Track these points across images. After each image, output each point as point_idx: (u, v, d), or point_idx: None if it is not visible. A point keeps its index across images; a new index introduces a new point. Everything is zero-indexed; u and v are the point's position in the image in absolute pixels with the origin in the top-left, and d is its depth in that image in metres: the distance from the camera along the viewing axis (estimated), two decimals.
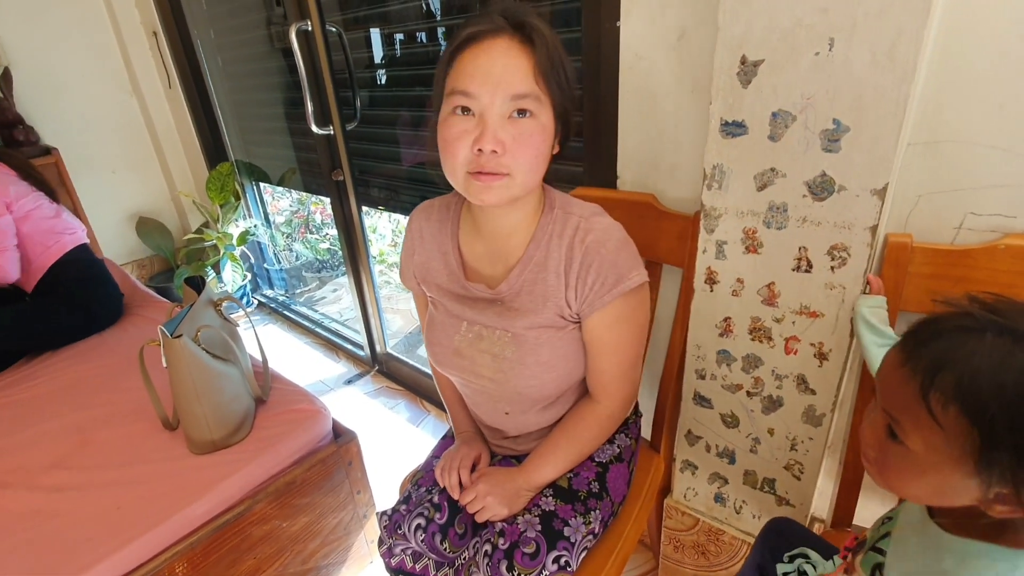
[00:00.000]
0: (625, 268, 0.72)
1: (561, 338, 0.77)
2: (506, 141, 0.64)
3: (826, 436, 0.87)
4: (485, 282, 0.80)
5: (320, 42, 1.61)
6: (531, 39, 0.63)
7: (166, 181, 2.70)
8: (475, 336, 0.80)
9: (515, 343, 0.77)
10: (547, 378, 0.78)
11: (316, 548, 1.21)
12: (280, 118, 2.20)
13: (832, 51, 0.66)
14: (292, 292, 2.91)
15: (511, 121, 0.64)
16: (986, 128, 0.69)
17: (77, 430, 1.20)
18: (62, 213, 1.67)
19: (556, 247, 0.74)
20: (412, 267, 0.88)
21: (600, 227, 0.73)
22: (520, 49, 0.63)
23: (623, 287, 0.72)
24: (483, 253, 0.80)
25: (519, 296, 0.76)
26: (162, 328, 1.03)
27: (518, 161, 0.65)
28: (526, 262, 0.76)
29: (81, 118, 2.38)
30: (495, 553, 0.76)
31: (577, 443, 0.83)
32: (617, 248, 0.72)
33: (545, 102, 0.66)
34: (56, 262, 1.58)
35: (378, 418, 1.91)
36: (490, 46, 0.63)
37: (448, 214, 0.84)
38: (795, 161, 0.74)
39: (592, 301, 0.73)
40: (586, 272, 0.72)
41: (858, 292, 0.75)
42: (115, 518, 0.97)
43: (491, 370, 0.80)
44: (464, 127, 0.65)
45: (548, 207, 0.76)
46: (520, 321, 0.76)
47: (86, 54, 2.34)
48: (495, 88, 0.62)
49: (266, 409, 1.23)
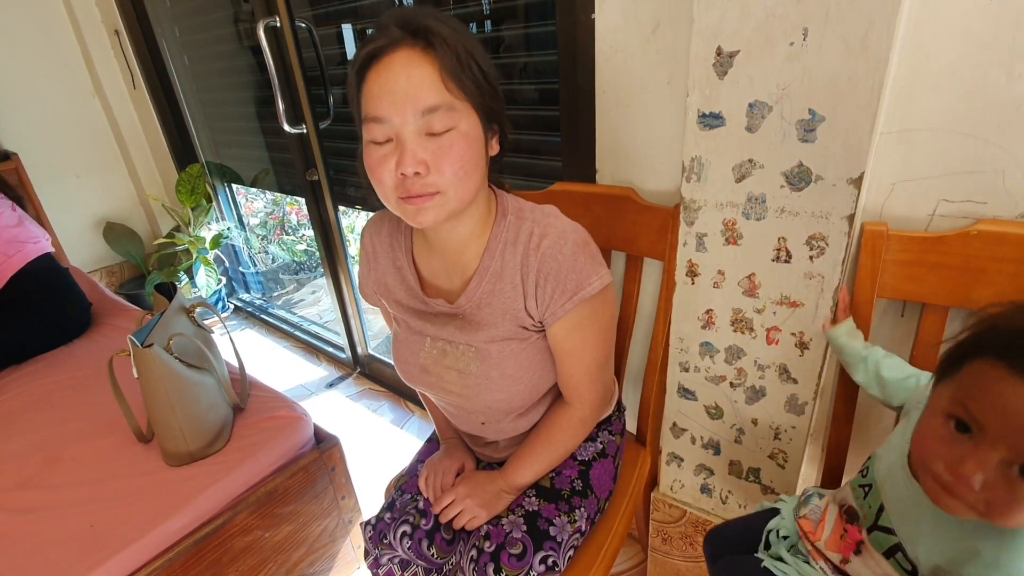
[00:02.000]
0: (584, 274, 0.69)
1: (525, 349, 0.75)
2: (427, 159, 0.60)
3: (808, 424, 0.88)
4: (444, 297, 0.77)
5: (290, 38, 1.57)
6: (431, 43, 0.59)
7: (134, 184, 2.62)
8: (439, 352, 0.78)
9: (479, 358, 0.75)
10: (514, 391, 0.76)
11: (301, 557, 1.19)
12: (251, 118, 2.14)
13: (806, 41, 0.66)
14: (269, 295, 2.86)
15: (428, 138, 0.60)
16: (955, 115, 0.70)
17: (45, 447, 1.15)
18: (25, 221, 1.60)
19: (511, 255, 0.71)
20: (371, 283, 0.85)
21: (555, 231, 0.70)
22: (422, 57, 0.59)
23: (583, 294, 0.69)
24: (439, 268, 0.78)
25: (479, 309, 0.74)
26: (131, 338, 1.00)
27: (444, 177, 0.61)
28: (482, 274, 0.73)
29: (41, 121, 2.29)
30: (481, 557, 0.75)
31: (553, 447, 0.82)
32: (574, 253, 0.69)
33: (462, 107, 0.61)
34: (18, 272, 1.51)
35: (361, 421, 1.89)
36: (390, 62, 0.59)
37: (399, 227, 0.81)
38: (772, 152, 0.74)
39: (554, 310, 0.70)
40: (544, 281, 0.69)
41: (836, 282, 0.76)
42: (87, 538, 0.93)
43: (458, 386, 0.78)
44: (383, 152, 0.61)
45: (500, 214, 0.73)
46: (481, 335, 0.74)
47: (45, 54, 2.25)
48: (403, 106, 0.59)
49: (244, 417, 1.20)
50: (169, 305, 1.15)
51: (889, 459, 0.60)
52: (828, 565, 0.66)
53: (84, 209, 2.49)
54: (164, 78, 2.31)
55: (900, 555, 0.55)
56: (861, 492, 0.63)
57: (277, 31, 1.58)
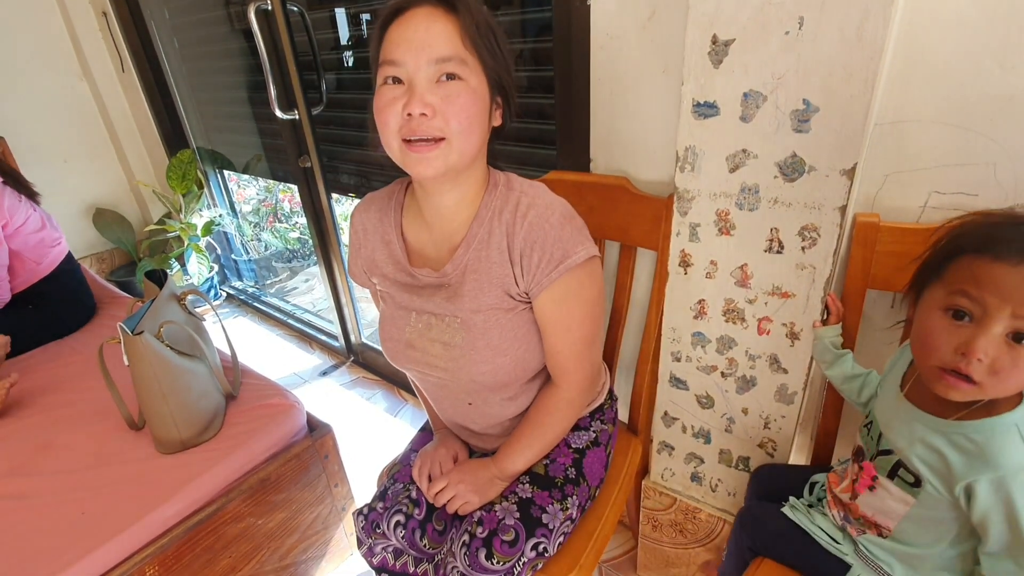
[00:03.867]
0: (571, 243, 0.70)
1: (511, 319, 0.75)
2: (435, 103, 0.63)
3: (798, 414, 0.88)
4: (430, 266, 0.78)
5: (281, 22, 1.55)
6: (454, 6, 0.63)
7: (123, 170, 2.58)
8: (424, 326, 0.79)
9: (464, 328, 0.75)
10: (500, 363, 0.76)
11: (294, 544, 1.20)
12: (243, 103, 2.11)
13: (802, 30, 0.66)
14: (262, 283, 2.84)
15: (439, 84, 0.64)
16: (948, 107, 0.70)
17: (36, 434, 1.15)
18: (46, 222, 1.57)
19: (498, 224, 0.73)
20: (360, 263, 0.86)
21: (543, 202, 0.72)
22: (443, 14, 0.63)
23: (569, 262, 0.70)
24: (427, 240, 0.79)
25: (464, 277, 0.75)
26: (121, 325, 0.99)
27: (450, 124, 0.64)
28: (469, 241, 0.74)
29: (29, 105, 2.25)
30: (473, 542, 0.76)
31: (542, 431, 0.83)
32: (561, 223, 0.70)
33: (474, 66, 0.65)
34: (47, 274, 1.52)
35: (355, 409, 1.89)
36: (413, 15, 0.63)
37: (390, 203, 0.82)
38: (766, 142, 0.73)
39: (539, 279, 0.71)
40: (531, 249, 0.70)
41: (828, 273, 0.76)
42: (79, 524, 0.93)
43: (443, 359, 0.78)
44: (393, 95, 0.64)
45: (492, 185, 0.75)
46: (467, 304, 0.74)
47: (31, 36, 2.21)
48: (419, 53, 0.62)
49: (237, 405, 1.19)
50: (160, 292, 1.14)
51: (886, 394, 0.69)
52: (840, 513, 0.74)
53: (73, 195, 2.45)
54: (153, 61, 2.28)
55: (903, 470, 0.63)
56: (865, 431, 0.71)
57: (268, 14, 1.55)
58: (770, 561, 0.81)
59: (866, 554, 0.71)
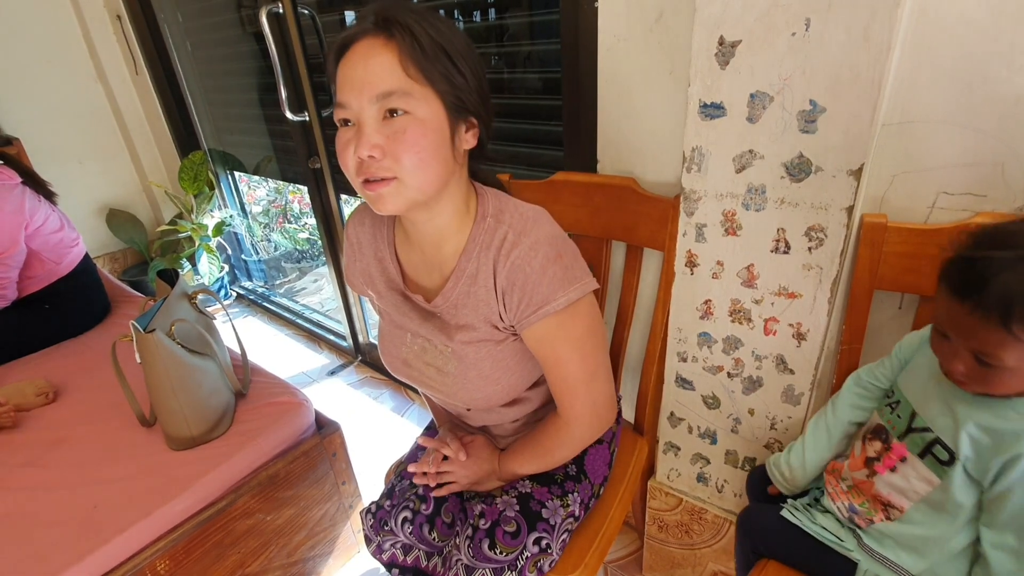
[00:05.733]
0: (550, 290, 0.67)
1: (501, 351, 0.75)
2: (381, 144, 0.61)
3: (805, 414, 0.88)
4: (423, 294, 0.77)
5: (292, 25, 1.57)
6: (392, 33, 0.60)
7: (136, 171, 2.62)
8: (420, 349, 0.79)
9: (456, 358, 0.75)
10: (492, 391, 0.77)
11: (302, 540, 1.21)
12: (254, 104, 2.14)
13: (808, 31, 0.66)
14: (271, 283, 2.87)
15: (385, 123, 0.61)
16: (956, 108, 0.69)
17: (50, 428, 1.17)
18: (65, 224, 1.59)
19: (484, 259, 0.70)
20: (357, 273, 0.85)
21: (529, 240, 0.67)
22: (382, 45, 0.60)
23: (547, 309, 0.67)
24: (419, 263, 0.77)
25: (455, 310, 0.74)
26: (134, 323, 1.01)
27: (399, 162, 0.61)
28: (458, 275, 0.72)
29: (44, 106, 2.29)
30: (476, 534, 0.77)
31: (543, 454, 0.81)
32: (543, 268, 0.67)
33: (421, 95, 0.61)
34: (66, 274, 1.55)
35: (362, 409, 1.90)
36: (354, 51, 0.61)
37: (382, 219, 0.81)
38: (773, 142, 0.74)
39: (520, 320, 0.70)
40: (511, 290, 0.68)
41: (835, 273, 0.76)
42: (92, 518, 0.95)
43: (437, 383, 0.78)
44: (347, 137, 0.63)
45: (481, 216, 0.71)
46: (458, 335, 0.74)
47: (47, 39, 2.24)
48: (360, 92, 0.60)
49: (246, 403, 1.21)
50: (171, 291, 1.16)
51: (918, 374, 0.70)
52: (845, 503, 0.74)
53: (87, 195, 2.49)
54: (166, 64, 2.31)
55: (937, 447, 0.64)
56: (888, 410, 0.71)
57: (280, 17, 1.57)
58: (775, 562, 0.81)
59: (871, 548, 0.71)
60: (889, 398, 0.73)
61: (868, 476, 0.71)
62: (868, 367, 0.79)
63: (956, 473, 0.62)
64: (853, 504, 0.73)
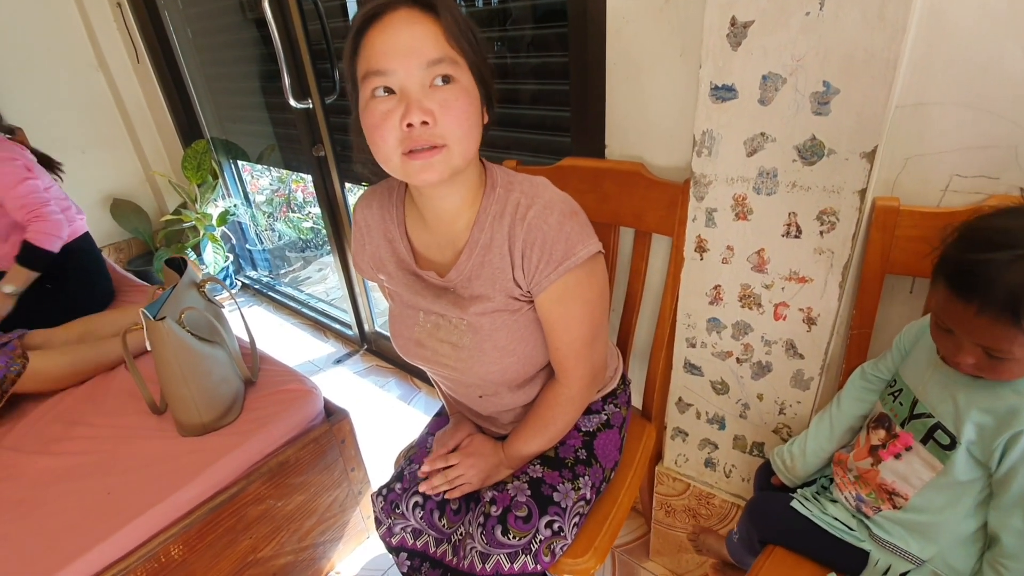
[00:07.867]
0: (572, 241, 0.68)
1: (517, 320, 0.75)
2: (434, 110, 0.60)
3: (814, 399, 0.88)
4: (436, 270, 0.77)
5: (295, 11, 1.55)
6: (431, 5, 0.60)
7: (139, 161, 2.61)
8: (433, 326, 0.79)
9: (471, 331, 0.75)
10: (508, 362, 0.77)
11: (312, 526, 1.22)
12: (256, 92, 2.12)
13: (823, 11, 0.65)
14: (276, 273, 2.87)
15: (434, 89, 0.61)
16: (971, 90, 0.69)
17: (63, 416, 1.18)
18: (69, 199, 1.64)
19: (499, 227, 0.71)
20: (366, 258, 0.85)
21: (542, 201, 0.69)
22: (423, 16, 0.60)
23: (570, 263, 0.68)
24: (431, 240, 0.77)
25: (469, 282, 0.74)
26: (144, 311, 1.01)
27: (451, 129, 0.62)
28: (472, 246, 0.73)
29: (45, 95, 2.28)
30: (488, 520, 0.77)
31: (546, 425, 0.83)
32: (560, 221, 0.68)
33: (462, 64, 0.62)
34: (66, 246, 1.55)
35: (369, 396, 1.91)
36: (392, 19, 0.60)
37: (391, 199, 0.80)
38: (785, 125, 0.73)
39: (539, 280, 0.70)
40: (530, 250, 0.69)
41: (846, 258, 0.76)
42: (106, 504, 0.96)
43: (452, 359, 0.78)
44: (387, 107, 0.61)
45: (490, 186, 0.73)
46: (473, 307, 0.74)
47: (47, 27, 2.23)
48: (408, 58, 0.59)
49: (256, 390, 1.22)
50: (180, 280, 1.16)
51: (918, 361, 0.70)
52: (853, 493, 0.74)
53: (91, 185, 2.49)
54: (168, 52, 2.29)
55: (939, 433, 0.64)
56: (890, 399, 0.72)
57: (282, 3, 1.55)
58: (781, 548, 0.81)
59: (880, 537, 0.71)
60: (891, 387, 0.73)
61: (872, 464, 0.72)
62: (872, 361, 0.79)
63: (958, 458, 0.62)
64: (860, 494, 0.73)
